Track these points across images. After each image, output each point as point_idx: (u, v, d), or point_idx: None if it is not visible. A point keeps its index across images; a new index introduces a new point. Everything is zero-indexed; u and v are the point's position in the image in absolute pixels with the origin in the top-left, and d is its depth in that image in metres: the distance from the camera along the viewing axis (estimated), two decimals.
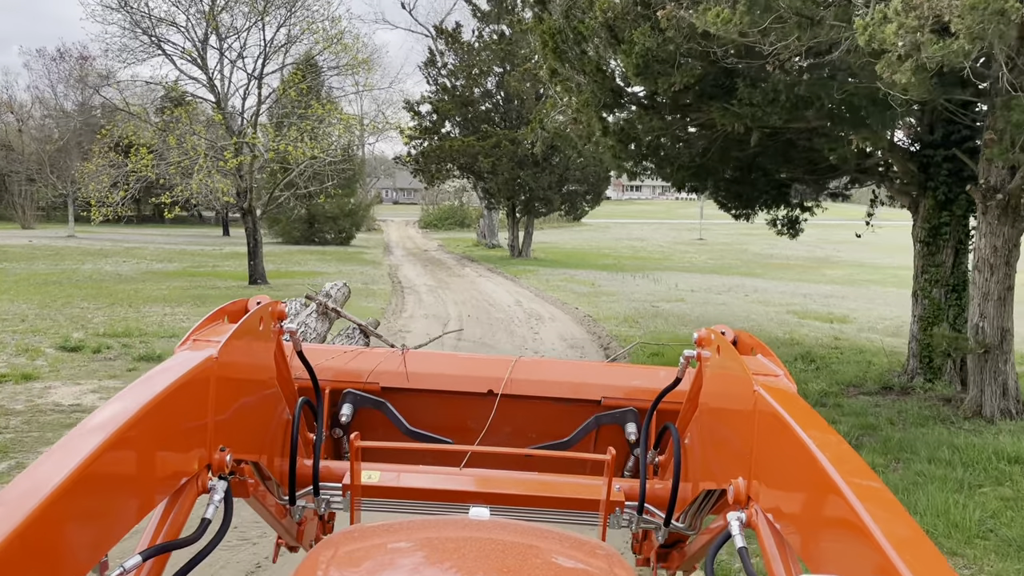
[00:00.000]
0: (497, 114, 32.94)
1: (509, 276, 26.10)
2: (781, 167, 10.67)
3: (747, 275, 30.37)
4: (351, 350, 3.33)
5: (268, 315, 2.45)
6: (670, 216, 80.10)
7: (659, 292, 21.22)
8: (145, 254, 31.19)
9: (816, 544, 1.57)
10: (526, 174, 31.10)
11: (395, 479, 2.64)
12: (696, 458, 2.48)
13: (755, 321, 15.58)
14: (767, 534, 1.78)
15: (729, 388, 2.22)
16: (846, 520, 1.39)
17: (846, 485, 1.44)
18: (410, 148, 33.08)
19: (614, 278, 26.02)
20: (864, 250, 50.47)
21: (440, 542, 1.74)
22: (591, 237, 55.07)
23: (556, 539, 1.80)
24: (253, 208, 20.40)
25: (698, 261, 39.47)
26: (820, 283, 27.80)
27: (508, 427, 3.06)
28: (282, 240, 44.28)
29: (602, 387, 3.12)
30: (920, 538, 1.31)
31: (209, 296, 18.26)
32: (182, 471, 1.78)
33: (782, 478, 1.80)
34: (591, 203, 33.58)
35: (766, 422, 1.87)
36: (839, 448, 1.63)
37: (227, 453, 1.91)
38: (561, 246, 45.75)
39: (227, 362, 1.95)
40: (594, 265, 32.62)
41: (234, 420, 2.04)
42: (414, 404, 3.07)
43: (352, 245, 43.49)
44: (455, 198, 62.55)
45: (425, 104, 32.65)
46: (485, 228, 43.63)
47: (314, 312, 6.81)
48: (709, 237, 55.31)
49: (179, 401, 1.75)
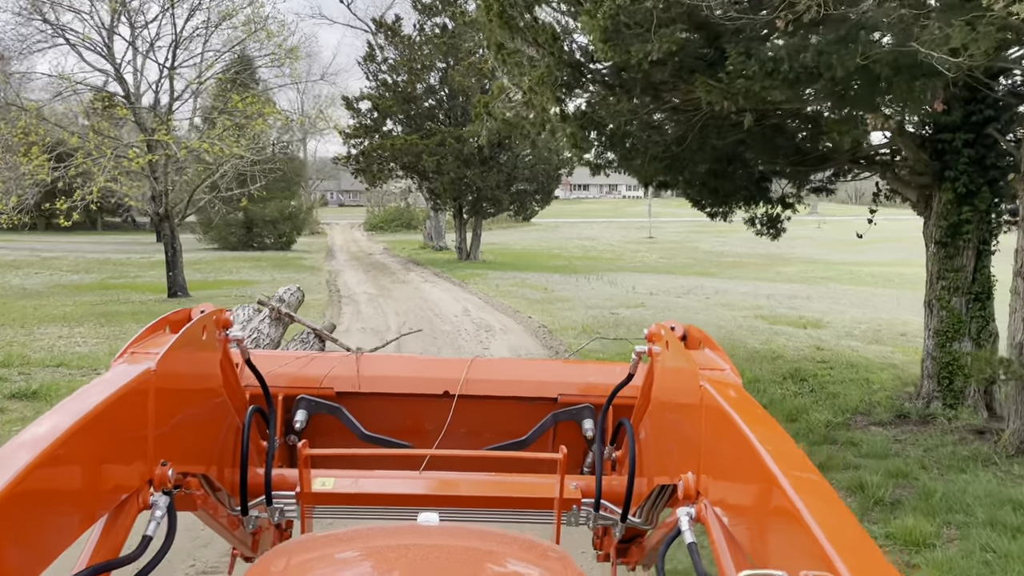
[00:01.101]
0: (441, 111, 31.08)
1: (457, 281, 24.31)
2: (764, 158, 9.10)
3: (703, 275, 29.07)
4: (305, 355, 3.29)
5: (212, 324, 2.37)
6: (618, 215, 79.07)
7: (617, 296, 19.64)
8: (62, 265, 28.60)
9: (760, 538, 1.57)
10: (473, 173, 29.32)
11: (350, 485, 2.58)
12: (651, 453, 2.48)
13: (725, 328, 14.07)
14: (716, 528, 1.77)
15: (678, 383, 2.22)
16: (786, 513, 1.40)
17: (785, 478, 1.44)
18: (349, 147, 31.03)
19: (568, 281, 24.41)
20: (813, 246, 49.93)
21: (382, 551, 1.67)
22: (541, 237, 53.52)
23: (506, 542, 1.75)
24: (170, 213, 18.24)
25: (650, 260, 38.16)
26: (777, 282, 26.60)
27: (465, 428, 3.02)
28: (218, 246, 41.73)
29: (558, 385, 3.08)
30: (857, 531, 1.33)
31: (117, 313, 16.11)
32: (121, 487, 1.71)
33: (728, 472, 1.79)
34: (541, 203, 31.95)
35: (712, 416, 1.87)
36: (780, 441, 1.64)
37: (169, 467, 1.84)
38: (511, 247, 44.07)
39: (167, 374, 1.88)
40: (545, 267, 31.00)
41: (177, 433, 1.98)
42: (370, 408, 3.02)
43: (293, 250, 41.17)
44: (401, 199, 60.44)
45: (365, 101, 30.62)
46: (432, 230, 41.71)
47: (267, 318, 6.51)
48: (658, 235, 54.24)
49: (115, 416, 1.67)
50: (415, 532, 1.83)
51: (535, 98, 7.54)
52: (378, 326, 15.41)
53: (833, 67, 6.17)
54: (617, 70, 7.34)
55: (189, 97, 18.02)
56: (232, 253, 37.28)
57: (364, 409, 3.00)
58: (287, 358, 3.19)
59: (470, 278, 24.98)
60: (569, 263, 34.48)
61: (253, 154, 17.61)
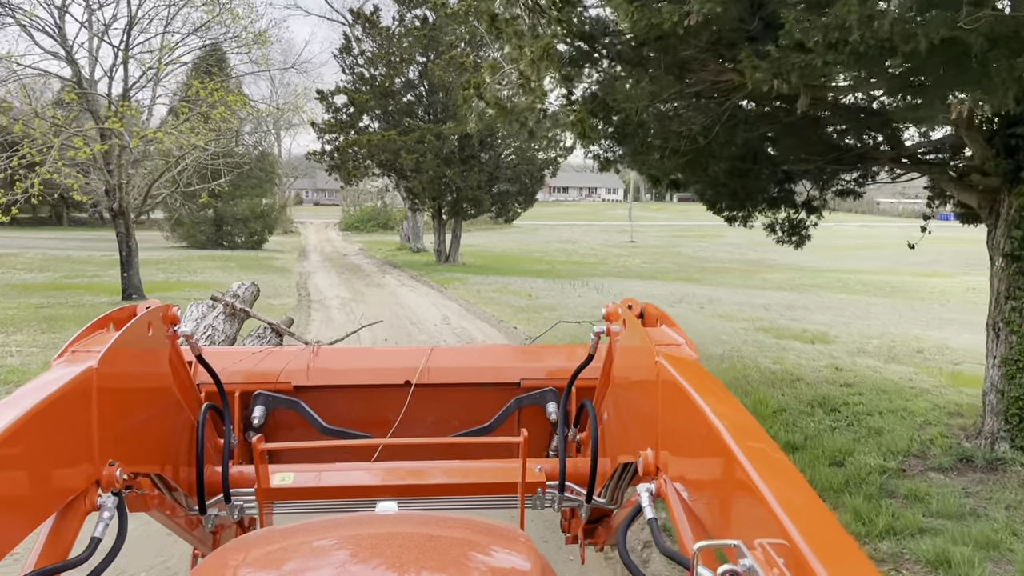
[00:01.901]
0: (420, 107, 29.65)
1: (435, 285, 22.91)
2: (795, 154, 7.84)
3: (689, 281, 27.90)
4: (261, 350, 3.17)
5: (159, 320, 2.30)
6: (598, 218, 77.96)
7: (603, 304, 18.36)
8: (17, 262, 26.81)
9: (717, 509, 1.56)
10: (453, 172, 27.92)
11: (310, 479, 2.50)
12: (613, 433, 2.49)
13: (730, 344, 12.83)
14: (676, 503, 1.78)
15: (635, 360, 2.23)
16: (742, 484, 1.38)
17: (740, 450, 1.42)
18: (324, 143, 29.50)
19: (552, 287, 23.11)
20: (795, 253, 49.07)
21: (339, 541, 1.60)
22: (521, 240, 52.20)
23: (463, 527, 1.69)
24: (125, 209, 16.69)
25: (633, 265, 36.98)
26: (767, 290, 25.49)
27: (430, 416, 2.96)
28: (187, 244, 40.00)
29: (521, 369, 3.07)
30: (811, 499, 1.30)
31: (64, 317, 14.56)
32: (66, 489, 1.67)
33: (685, 446, 1.80)
34: (524, 205, 30.62)
35: (668, 392, 1.87)
36: (735, 413, 1.63)
37: (117, 467, 1.79)
38: (490, 249, 42.68)
39: (110, 372, 1.83)
40: (528, 271, 29.69)
41: (125, 432, 1.93)
42: (330, 401, 2.95)
43: (264, 249, 39.53)
44: (377, 199, 58.85)
45: (340, 95, 29.11)
46: (409, 231, 40.26)
47: (221, 314, 6.28)
48: (639, 239, 53.13)
49: (55, 416, 1.62)
50: (373, 522, 1.78)
51: (535, 76, 6.21)
52: (351, 337, 13.99)
53: (915, 38, 4.91)
54: (638, 43, 6.03)
55: (148, 83, 16.47)
56: (200, 252, 35.58)
57: (324, 402, 2.92)
58: (243, 354, 3.08)
59: (449, 282, 23.60)
60: (552, 267, 33.20)
61: (215, 146, 16.11)
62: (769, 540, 1.18)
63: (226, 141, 16.41)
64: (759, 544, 1.18)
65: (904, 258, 44.53)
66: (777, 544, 1.18)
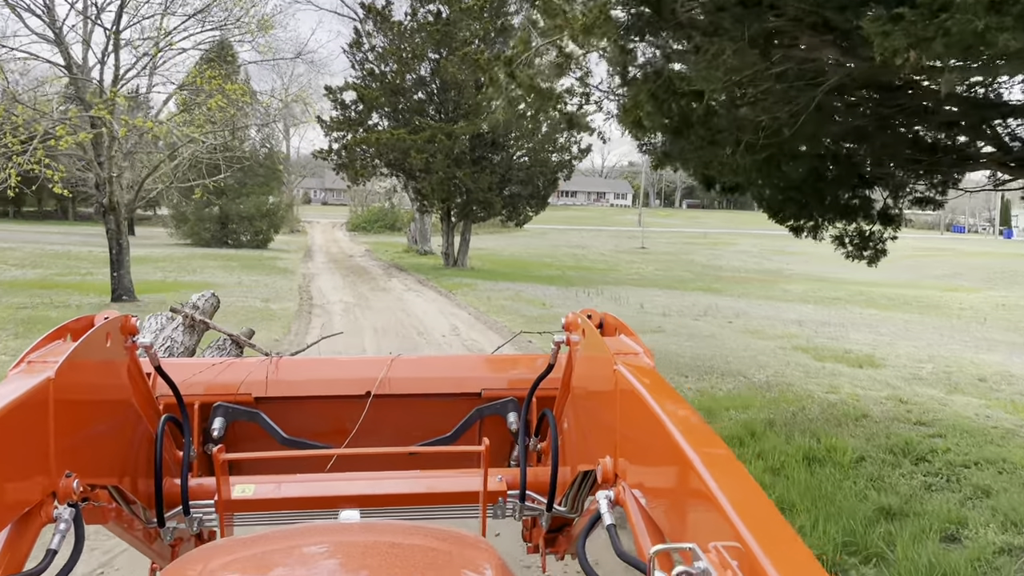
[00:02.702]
0: (432, 105, 28.34)
1: (443, 291, 21.60)
2: (884, 154, 6.50)
3: (708, 291, 26.55)
4: (221, 362, 3.14)
5: (117, 330, 2.28)
6: (606, 223, 76.63)
7: (626, 316, 16.82)
8: (11, 257, 25.59)
9: (674, 515, 1.58)
10: (463, 173, 26.61)
11: (271, 491, 2.48)
12: (573, 442, 2.47)
13: (771, 367, 11.48)
14: (634, 509, 1.78)
15: (594, 370, 2.22)
16: (697, 490, 1.40)
17: (696, 456, 1.44)
18: (331, 141, 28.22)
19: (566, 295, 21.78)
20: (808, 262, 47.57)
21: (300, 550, 1.58)
22: (529, 244, 50.88)
23: (425, 534, 1.68)
24: (116, 205, 15.40)
25: (646, 272, 35.62)
26: (790, 301, 24.14)
27: (391, 427, 2.93)
28: (191, 242, 38.77)
29: (482, 379, 3.04)
30: (764, 503, 1.32)
31: (43, 321, 13.28)
32: (21, 501, 1.63)
33: (642, 454, 1.81)
34: (536, 208, 29.28)
35: (626, 400, 1.88)
36: (690, 420, 1.63)
37: (74, 479, 1.75)
38: (499, 253, 41.36)
39: (67, 383, 1.80)
40: (538, 277, 28.36)
41: (82, 444, 1.90)
42: (290, 412, 2.92)
43: (269, 248, 38.27)
44: (385, 199, 57.60)
45: (349, 91, 27.82)
46: (416, 233, 38.96)
47: (180, 325, 6.15)
48: (650, 245, 51.77)
49: (11, 427, 1.58)
50: (334, 530, 1.77)
51: (588, 44, 4.87)
52: (352, 345, 12.69)
53: None
54: (716, 7, 4.70)
55: (143, 71, 15.18)
56: (203, 250, 34.32)
57: (284, 414, 2.89)
58: (202, 365, 3.03)
59: (458, 288, 22.29)
60: (562, 273, 31.87)
61: (212, 138, 14.83)
62: (723, 543, 1.19)
63: (224, 134, 15.10)
64: (713, 547, 1.20)
65: (922, 271, 43.09)
66: (731, 547, 1.18)
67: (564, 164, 28.17)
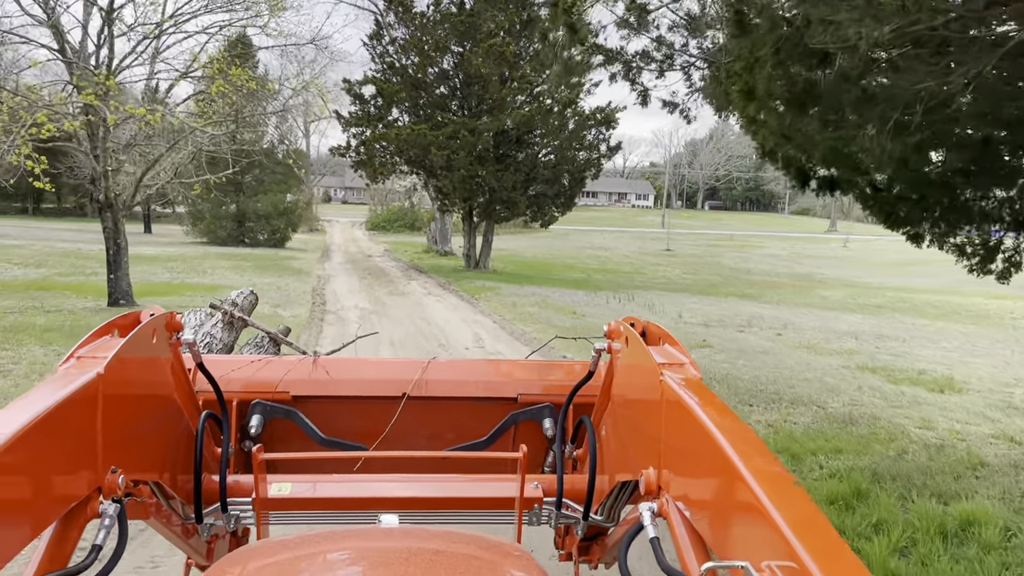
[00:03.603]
0: (454, 100, 26.89)
1: (466, 296, 20.12)
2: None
3: (743, 297, 24.93)
4: (260, 359, 3.17)
5: (162, 327, 2.27)
6: (628, 224, 74.92)
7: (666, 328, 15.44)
8: (16, 255, 24.41)
9: (723, 530, 1.53)
10: (487, 172, 25.14)
11: (307, 490, 2.46)
12: (611, 450, 2.45)
13: (844, 393, 9.89)
14: (678, 523, 1.74)
15: (638, 379, 2.19)
16: (749, 505, 1.35)
17: (747, 470, 1.39)
18: (349, 137, 26.85)
19: (595, 301, 20.25)
20: (841, 267, 45.71)
21: (341, 555, 1.56)
22: (551, 245, 49.32)
23: (466, 542, 1.64)
24: (112, 201, 14.04)
25: (674, 276, 33.98)
26: (831, 309, 22.45)
27: (426, 430, 2.92)
28: (207, 240, 37.55)
29: (518, 384, 3.02)
30: (820, 520, 1.26)
31: (28, 329, 11.92)
32: (68, 496, 1.62)
33: (689, 466, 1.76)
34: (562, 208, 27.75)
35: (673, 411, 1.84)
36: (741, 433, 1.58)
37: (119, 474, 1.74)
38: (520, 254, 39.87)
39: (115, 379, 1.79)
40: (564, 280, 26.84)
41: (127, 439, 1.90)
42: (327, 411, 2.92)
43: (286, 247, 37.00)
44: (405, 198, 56.26)
45: (368, 86, 26.43)
46: (437, 233, 37.53)
47: (219, 322, 6.01)
48: (675, 247, 50.06)
49: (61, 422, 1.56)
50: (375, 535, 1.76)
51: None
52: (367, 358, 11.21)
53: None
54: None
55: (143, 55, 13.81)
56: (218, 249, 33.06)
57: (321, 413, 2.89)
58: (241, 362, 3.04)
59: (481, 292, 20.81)
60: (587, 276, 30.33)
61: (214, 129, 13.46)
62: (778, 562, 1.15)
63: (228, 124, 13.73)
64: (767, 566, 1.16)
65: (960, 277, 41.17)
66: (786, 566, 1.14)
67: (591, 163, 26.63)
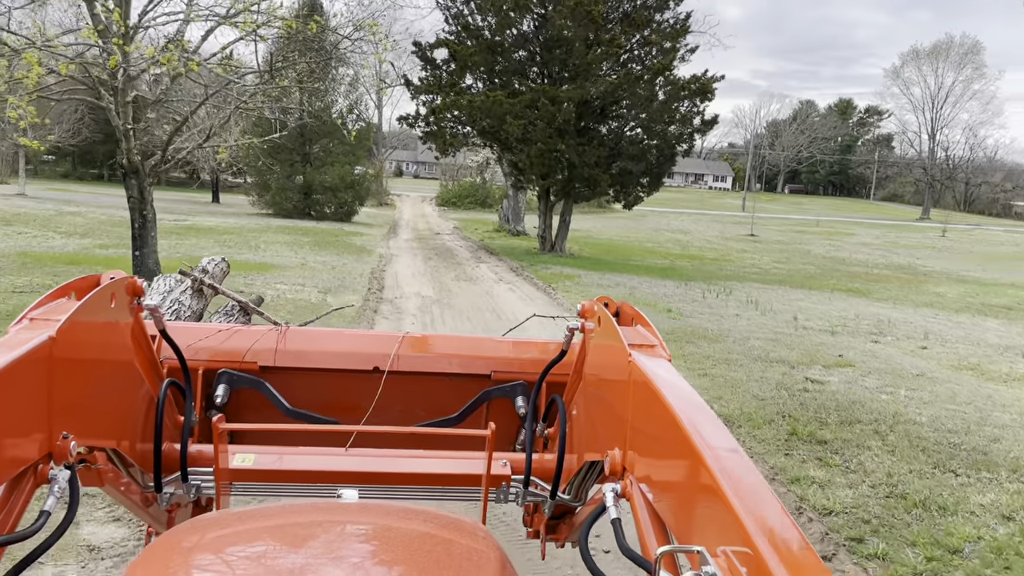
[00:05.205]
0: (534, 66, 24.13)
1: (541, 284, 17.51)
2: None
3: (850, 292, 21.67)
4: (228, 328, 3.06)
5: (122, 291, 2.18)
6: (705, 206, 70.96)
7: (781, 333, 12.54)
8: (66, 224, 22.82)
9: (682, 514, 1.52)
10: (567, 146, 22.37)
11: (271, 462, 2.40)
12: (581, 430, 2.41)
13: None
14: (640, 505, 1.73)
15: (608, 359, 2.16)
16: (708, 489, 1.34)
17: (708, 455, 1.38)
18: (418, 104, 24.41)
19: (688, 295, 17.39)
20: (942, 259, 41.36)
21: (294, 528, 1.49)
22: (626, 226, 46.15)
23: (421, 518, 1.60)
24: (138, 166, 11.85)
25: (764, 264, 30.61)
26: (958, 310, 19.08)
27: (397, 405, 2.85)
28: (272, 212, 35.80)
29: (492, 361, 2.96)
30: (776, 508, 1.24)
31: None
32: (16, 460, 1.56)
33: (653, 448, 1.75)
34: (648, 188, 24.77)
35: (639, 393, 1.82)
36: (704, 418, 1.57)
37: (71, 440, 1.68)
38: (595, 236, 36.91)
39: (68, 342, 1.71)
40: (646, 268, 23.95)
41: (82, 404, 1.84)
42: (296, 383, 2.83)
43: (352, 222, 34.94)
44: (477, 174, 53.77)
45: (441, 49, 23.87)
46: (509, 211, 34.92)
47: (189, 289, 6.15)
48: (759, 233, 46.32)
49: (9, 385, 1.50)
50: (331, 509, 1.72)
51: None
52: None
53: None
54: None
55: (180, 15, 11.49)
56: (280, 222, 31.19)
57: (290, 385, 2.80)
58: (209, 331, 2.94)
59: (558, 280, 18.17)
60: (671, 262, 27.31)
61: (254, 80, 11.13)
62: (733, 548, 1.14)
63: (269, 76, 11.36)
64: (722, 551, 1.15)
65: None
66: (741, 552, 1.13)
67: (684, 137, 23.55)
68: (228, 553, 1.39)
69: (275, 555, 1.36)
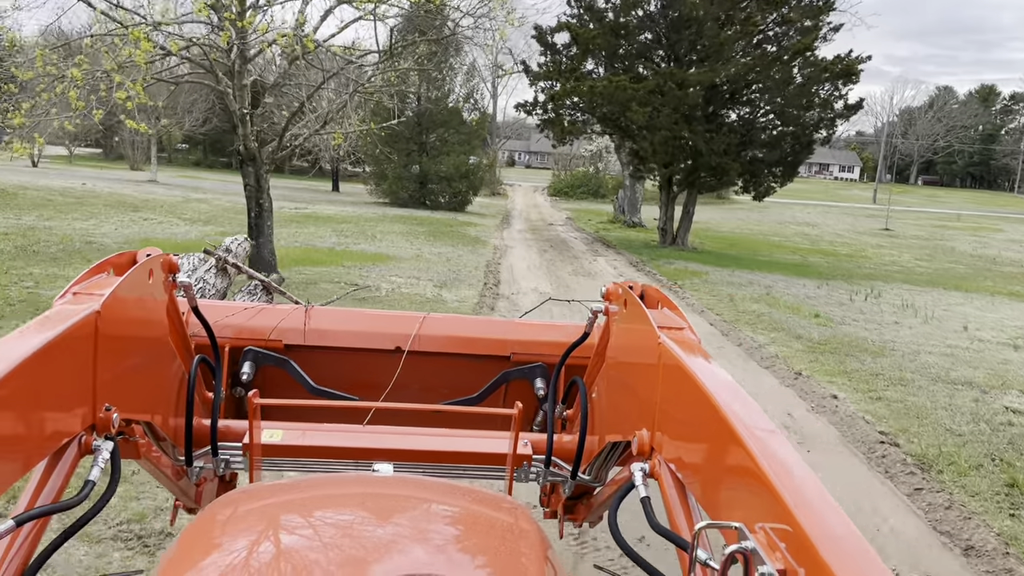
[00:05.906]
0: (659, 49, 22.63)
1: (665, 282, 16.15)
2: None
3: (1014, 296, 19.20)
4: (253, 306, 3.09)
5: (159, 268, 2.22)
6: (832, 198, 66.90)
7: (957, 348, 10.78)
8: (191, 211, 23.12)
9: (717, 493, 1.52)
10: (694, 132, 20.82)
11: (298, 438, 2.43)
12: (603, 411, 2.45)
13: None
14: (669, 484, 1.74)
15: (635, 341, 2.16)
16: (745, 469, 1.33)
17: (744, 434, 1.37)
18: (537, 91, 23.38)
19: (833, 296, 15.64)
20: None
21: (340, 499, 1.55)
22: (747, 218, 43.73)
23: (461, 494, 1.64)
24: (255, 153, 11.35)
25: (907, 263, 27.92)
26: None
27: (417, 384, 2.90)
28: (389, 201, 35.75)
29: (511, 343, 2.98)
30: (816, 487, 1.22)
31: None
32: (62, 431, 1.58)
33: (684, 429, 1.76)
34: (781, 179, 22.86)
35: (670, 374, 1.82)
36: (739, 398, 1.56)
37: (113, 412, 1.69)
38: (716, 229, 34.92)
39: (112, 316, 1.71)
40: (777, 264, 22.09)
41: (122, 378, 1.83)
42: (319, 362, 2.88)
43: (466, 211, 34.39)
44: (590, 164, 52.38)
45: (562, 32, 22.73)
46: (625, 202, 33.44)
47: (213, 267, 6.30)
48: (894, 227, 42.89)
49: (56, 357, 1.50)
50: (368, 482, 1.75)
51: None
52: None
53: None
54: None
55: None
56: (396, 211, 30.93)
57: (313, 363, 2.85)
58: (235, 309, 2.94)
59: (684, 277, 16.78)
60: (803, 259, 25.22)
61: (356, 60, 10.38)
62: (771, 524, 1.13)
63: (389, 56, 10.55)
64: (761, 528, 1.13)
65: None
66: (779, 529, 1.12)
67: (823, 123, 21.53)
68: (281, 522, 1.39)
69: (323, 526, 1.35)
